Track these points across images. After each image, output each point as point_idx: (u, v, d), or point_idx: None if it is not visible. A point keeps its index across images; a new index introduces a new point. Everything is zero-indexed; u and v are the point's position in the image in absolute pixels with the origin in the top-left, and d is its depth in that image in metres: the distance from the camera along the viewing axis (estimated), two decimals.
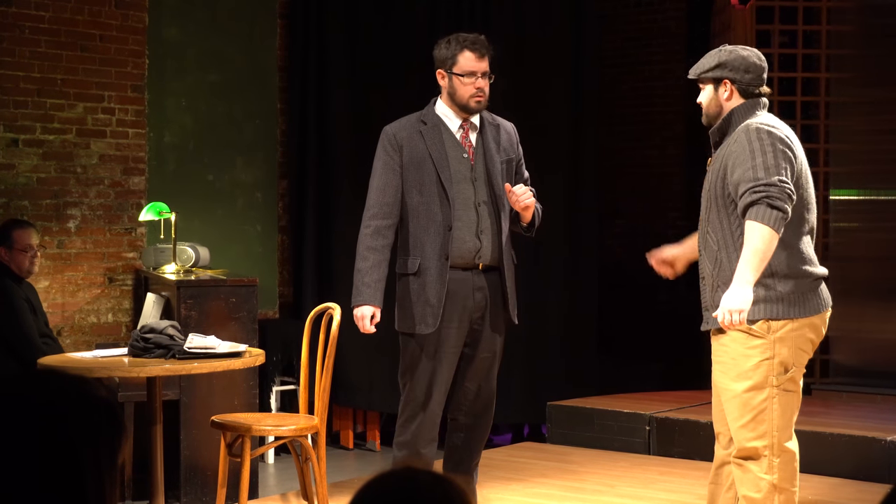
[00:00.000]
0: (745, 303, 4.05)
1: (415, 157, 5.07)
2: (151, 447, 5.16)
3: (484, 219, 5.06)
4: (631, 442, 7.19)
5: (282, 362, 7.70)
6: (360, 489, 1.67)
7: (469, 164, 5.09)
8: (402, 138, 5.11)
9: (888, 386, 7.81)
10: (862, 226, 8.31)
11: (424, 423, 5.09)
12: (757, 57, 4.40)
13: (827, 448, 6.48)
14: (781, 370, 4.26)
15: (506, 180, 5.12)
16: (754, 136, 4.20)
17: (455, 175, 5.06)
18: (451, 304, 5.03)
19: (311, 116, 8.07)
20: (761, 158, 4.15)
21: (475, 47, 5.07)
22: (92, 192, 7.27)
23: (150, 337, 5.02)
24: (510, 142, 5.22)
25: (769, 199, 4.08)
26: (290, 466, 7.09)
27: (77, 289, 7.22)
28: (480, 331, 5.10)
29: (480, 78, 5.07)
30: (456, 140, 5.11)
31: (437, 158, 5.05)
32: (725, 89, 4.36)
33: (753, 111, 4.34)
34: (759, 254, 4.06)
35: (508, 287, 5.10)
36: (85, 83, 7.22)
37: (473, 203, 5.06)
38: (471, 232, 5.04)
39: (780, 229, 4.09)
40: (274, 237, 8.16)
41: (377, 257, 5.06)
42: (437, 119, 5.14)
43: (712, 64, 4.38)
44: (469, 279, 5.06)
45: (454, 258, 5.01)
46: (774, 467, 4.28)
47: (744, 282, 4.06)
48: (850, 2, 8.33)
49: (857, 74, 8.24)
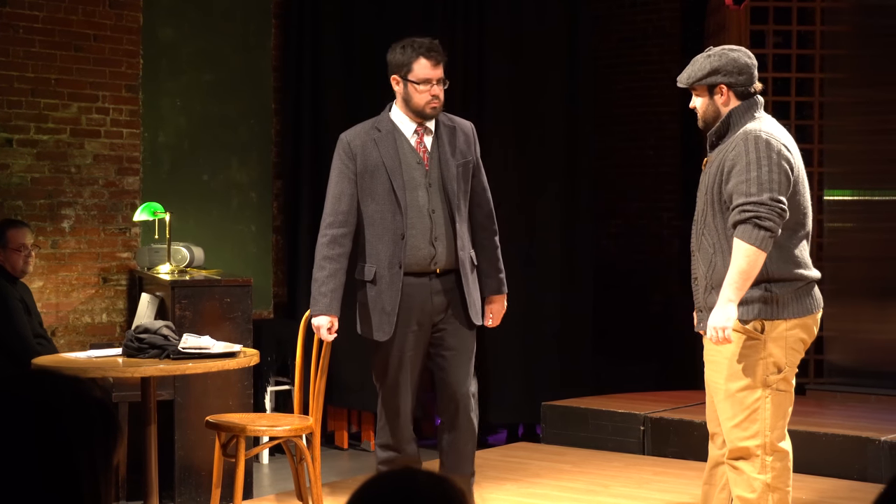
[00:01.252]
0: (730, 320, 4.14)
1: (369, 166, 5.09)
2: (146, 447, 5.15)
3: (438, 225, 5.08)
4: (625, 442, 7.20)
5: (276, 363, 7.69)
6: (357, 489, 1.66)
7: (423, 170, 5.10)
8: (357, 146, 5.13)
9: (882, 386, 7.82)
10: (856, 226, 8.32)
11: (399, 425, 5.18)
12: (746, 56, 4.40)
13: (821, 448, 6.49)
14: (775, 370, 4.28)
15: (463, 182, 5.15)
16: (752, 146, 4.21)
17: (409, 182, 5.08)
18: (408, 310, 5.08)
19: (305, 116, 8.06)
20: (756, 172, 4.17)
21: (431, 55, 5.05)
22: (86, 192, 7.26)
23: (145, 337, 5.01)
24: (467, 143, 5.20)
25: (758, 218, 4.13)
26: (285, 467, 7.08)
27: (71, 289, 7.21)
28: (443, 333, 5.15)
29: (436, 85, 5.07)
30: (411, 146, 5.12)
31: (390, 166, 5.06)
32: (722, 94, 4.36)
33: (751, 112, 4.34)
34: (743, 274, 4.14)
35: (466, 289, 5.11)
36: (79, 83, 7.21)
37: (427, 210, 5.08)
38: (425, 239, 5.06)
39: (767, 248, 4.15)
40: (268, 237, 8.16)
41: (333, 266, 5.10)
42: (392, 125, 5.14)
43: (705, 71, 4.36)
44: (426, 284, 5.10)
45: (409, 265, 5.05)
46: (767, 467, 4.29)
47: (727, 301, 4.16)
48: (844, 2, 8.33)
49: (851, 75, 8.25)
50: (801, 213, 4.32)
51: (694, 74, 4.39)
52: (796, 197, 4.28)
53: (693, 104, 4.46)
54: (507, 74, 7.95)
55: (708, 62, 4.37)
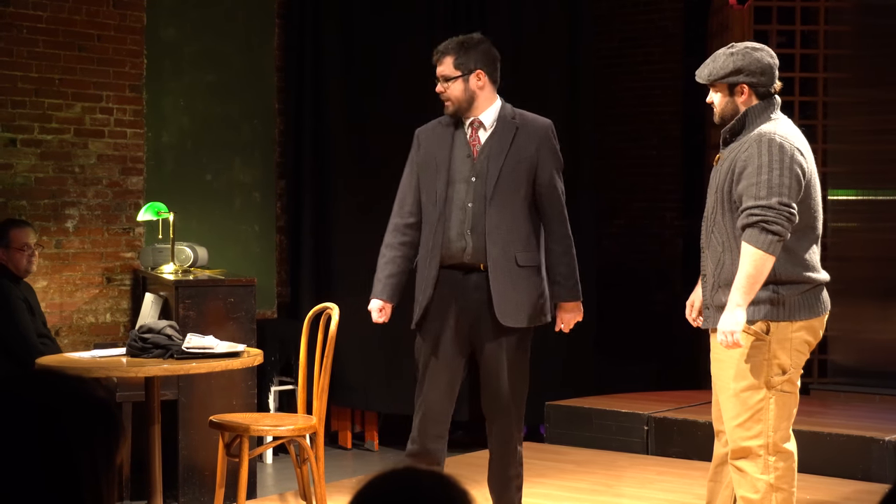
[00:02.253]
0: (738, 324, 4.14)
1: (426, 158, 5.11)
2: (149, 447, 5.15)
3: (474, 218, 5.00)
4: (629, 442, 7.19)
5: (280, 362, 7.69)
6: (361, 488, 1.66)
7: (471, 164, 5.05)
8: (423, 139, 5.17)
9: (886, 386, 7.81)
10: (860, 226, 8.32)
11: (426, 418, 5.05)
12: (770, 56, 4.37)
13: (825, 448, 6.49)
14: (779, 371, 4.27)
15: (517, 180, 5.03)
16: (766, 148, 4.20)
17: (454, 175, 5.04)
18: (443, 301, 5.02)
19: (308, 116, 8.06)
20: (767, 176, 4.16)
21: (434, 53, 5.11)
22: (90, 191, 7.27)
23: (149, 337, 5.02)
24: (529, 141, 5.10)
25: (766, 222, 4.13)
26: (289, 466, 7.08)
27: (75, 289, 7.22)
28: (479, 333, 5.04)
29: (440, 83, 5.09)
30: (465, 140, 5.09)
31: (440, 159, 5.06)
32: (742, 93, 4.33)
33: (767, 112, 4.33)
34: (751, 278, 4.14)
35: (494, 288, 4.98)
36: (83, 83, 7.22)
37: (464, 203, 5.02)
38: (458, 231, 5.01)
39: (775, 252, 4.14)
40: (272, 237, 8.16)
41: (391, 253, 5.12)
42: (453, 119, 5.13)
43: (728, 70, 4.32)
44: (461, 278, 5.02)
45: (445, 257, 5.00)
46: (771, 467, 4.28)
47: (735, 305, 4.15)
48: (847, 2, 8.33)
49: (854, 74, 8.25)
50: (812, 217, 4.32)
51: (716, 72, 4.35)
52: (808, 200, 4.27)
53: (710, 99, 4.42)
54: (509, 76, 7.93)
55: (731, 60, 4.33)
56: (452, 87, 5.05)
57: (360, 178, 7.93)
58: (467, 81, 5.07)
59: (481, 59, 5.10)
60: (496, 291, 4.97)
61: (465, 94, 5.06)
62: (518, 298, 5.01)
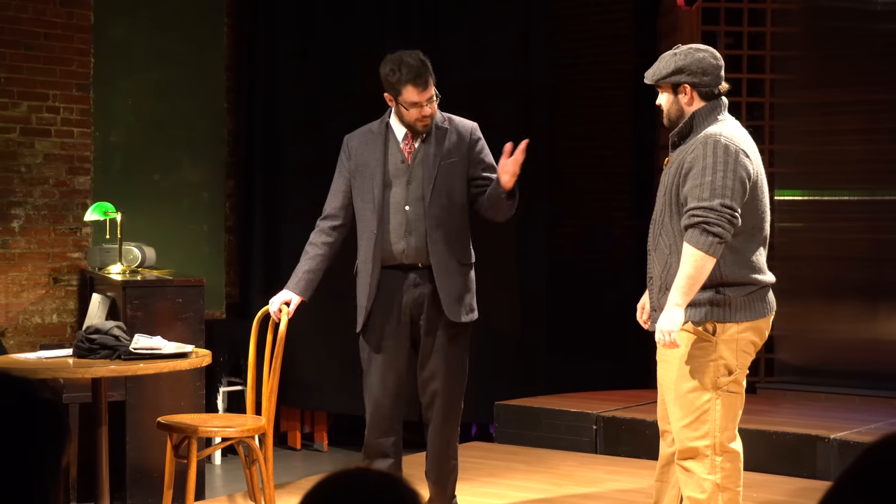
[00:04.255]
0: (676, 324, 4.17)
1: (359, 164, 5.24)
2: (97, 449, 5.12)
3: (413, 220, 5.14)
4: (578, 441, 7.22)
5: (229, 363, 7.66)
6: (310, 490, 1.66)
7: (406, 168, 5.19)
8: (353, 146, 5.30)
9: (833, 384, 7.89)
10: (807, 226, 8.39)
11: (375, 416, 5.20)
12: (713, 56, 4.39)
13: (772, 446, 6.54)
14: (725, 372, 4.30)
15: (452, 181, 5.19)
16: (711, 150, 4.23)
17: (389, 180, 5.19)
18: (384, 302, 5.16)
19: (258, 116, 8.04)
20: (711, 177, 4.19)
21: (418, 82, 5.11)
22: (36, 191, 7.20)
23: (96, 338, 4.98)
24: (460, 143, 5.26)
25: (707, 224, 4.15)
26: (238, 467, 7.06)
27: (21, 289, 7.15)
28: (422, 329, 5.18)
29: (426, 105, 5.14)
30: (398, 146, 5.22)
31: (374, 165, 5.20)
32: (685, 93, 4.36)
33: (714, 114, 4.35)
34: (691, 279, 4.17)
35: (440, 285, 5.13)
36: (29, 82, 7.15)
37: (402, 206, 5.16)
38: (398, 234, 5.15)
39: (715, 253, 4.16)
40: (221, 237, 8.12)
41: (313, 251, 5.29)
42: (386, 126, 5.26)
43: (670, 69, 4.36)
44: (402, 276, 5.17)
45: (385, 259, 5.15)
46: (717, 467, 4.31)
47: (674, 305, 4.19)
48: (794, 4, 8.41)
49: (801, 76, 8.33)
50: (759, 218, 4.34)
51: (659, 72, 4.39)
52: (754, 202, 4.30)
53: (658, 101, 4.46)
54: (464, 76, 7.95)
55: (673, 60, 4.37)
56: (434, 106, 5.15)
57: (311, 177, 7.91)
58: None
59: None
60: (442, 289, 5.13)
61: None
62: (461, 295, 5.20)
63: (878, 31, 8.15)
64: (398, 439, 5.25)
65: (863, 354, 8.01)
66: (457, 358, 5.22)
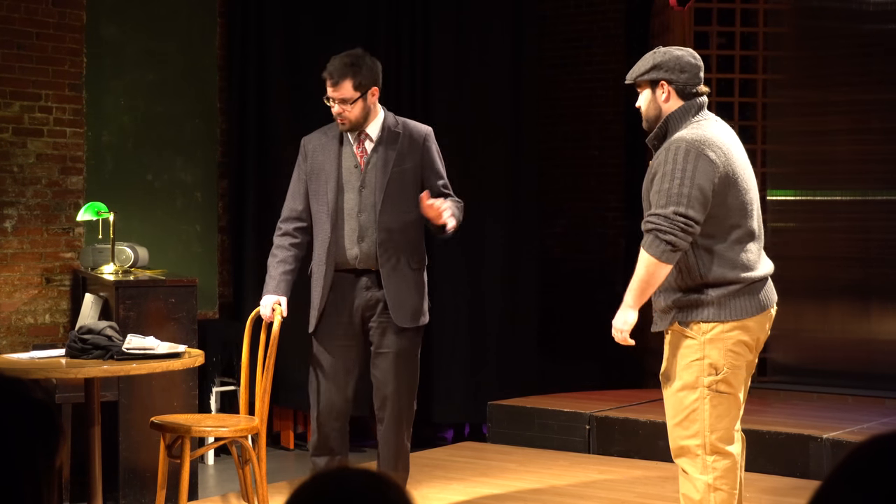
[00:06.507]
0: (626, 324, 4.33)
1: (315, 168, 5.33)
2: (90, 449, 5.11)
3: (365, 227, 5.23)
4: (571, 441, 7.23)
5: (221, 363, 7.65)
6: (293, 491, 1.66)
7: (359, 174, 5.26)
8: (309, 149, 5.39)
9: (825, 384, 7.91)
10: (799, 226, 8.41)
11: (326, 415, 5.32)
12: (691, 56, 4.41)
13: (765, 445, 6.55)
14: (712, 371, 4.31)
15: (404, 187, 5.25)
16: (671, 156, 4.25)
17: (343, 185, 5.26)
18: (336, 303, 5.29)
19: (251, 116, 8.03)
20: (668, 185, 4.23)
21: (328, 75, 5.21)
22: (29, 191, 7.20)
23: (88, 338, 4.98)
24: (413, 148, 5.31)
25: (659, 231, 4.22)
26: (231, 467, 7.06)
27: (14, 289, 7.14)
28: (373, 331, 5.28)
29: (337, 104, 5.18)
30: (352, 150, 5.29)
31: (328, 169, 5.28)
32: (663, 91, 4.37)
33: (688, 116, 4.35)
34: (643, 283, 4.28)
35: (388, 293, 5.22)
36: (21, 81, 7.14)
37: (355, 212, 5.25)
38: (351, 239, 5.24)
39: (668, 260, 4.23)
40: (214, 237, 8.12)
41: (284, 254, 5.37)
42: (338, 130, 5.32)
43: (647, 66, 4.39)
44: (354, 280, 5.28)
45: (338, 263, 5.26)
46: (709, 467, 4.32)
47: (626, 306, 4.35)
48: (786, 4, 8.42)
49: (793, 76, 8.34)
50: (740, 215, 4.33)
51: (637, 70, 4.43)
52: (730, 200, 4.29)
53: (638, 104, 4.48)
54: (453, 77, 7.96)
55: (651, 58, 4.41)
56: (353, 108, 5.17)
57: None
58: (365, 100, 5.23)
59: (374, 76, 5.25)
60: (391, 296, 5.24)
61: (363, 113, 5.27)
62: (411, 301, 5.29)
63: (870, 32, 8.17)
64: (346, 437, 5.40)
65: (855, 354, 8.03)
66: (408, 361, 5.32)
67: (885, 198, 8.12)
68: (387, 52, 7.95)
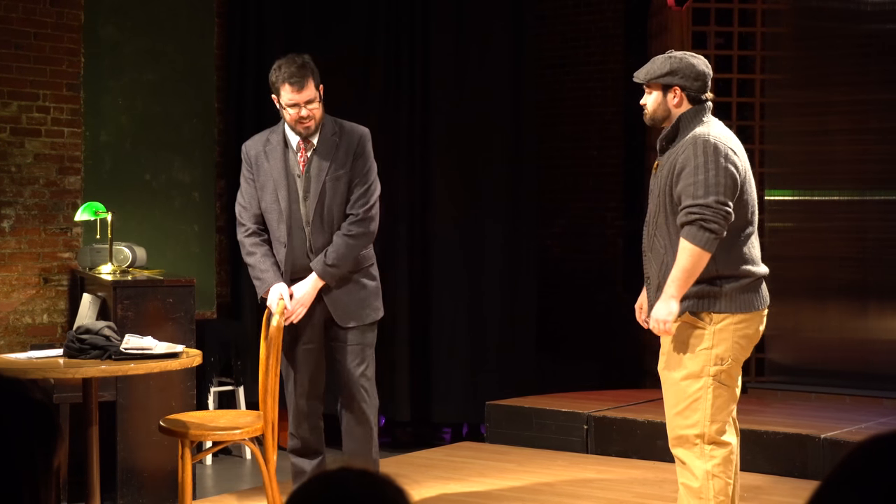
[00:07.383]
0: (671, 314, 4.34)
1: (261, 176, 5.33)
2: (87, 449, 5.11)
3: (314, 237, 5.27)
4: (569, 441, 7.23)
5: (219, 363, 7.65)
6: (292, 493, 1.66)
7: (301, 183, 5.29)
8: (252, 156, 5.36)
9: (823, 384, 7.91)
10: (796, 226, 8.41)
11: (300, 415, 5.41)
12: (705, 65, 4.55)
13: (763, 446, 6.56)
14: (718, 361, 4.42)
15: (341, 195, 5.27)
16: (701, 149, 4.36)
17: (290, 195, 5.28)
18: None
19: (248, 116, 8.03)
20: (703, 175, 4.32)
21: (293, 81, 5.16)
22: (27, 191, 7.19)
23: (86, 338, 4.97)
24: (347, 154, 5.30)
25: (703, 220, 4.29)
26: (228, 467, 7.06)
27: (11, 289, 7.14)
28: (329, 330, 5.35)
29: (304, 107, 5.16)
30: (296, 159, 5.29)
31: (276, 178, 5.28)
32: (675, 96, 4.50)
33: (700, 117, 4.49)
34: (686, 272, 4.32)
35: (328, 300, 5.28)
36: (19, 81, 7.14)
37: (303, 223, 5.28)
38: (302, 251, 5.29)
39: (711, 249, 4.31)
40: (212, 237, 8.11)
41: (262, 249, 5.34)
42: (282, 136, 5.32)
43: (664, 70, 4.50)
44: None
45: (294, 272, 5.30)
46: (707, 455, 4.43)
47: (669, 296, 4.35)
48: (784, 4, 8.42)
49: (791, 76, 8.34)
50: (748, 213, 4.47)
51: (653, 72, 4.53)
52: (743, 197, 4.43)
53: (644, 101, 4.60)
54: (452, 76, 7.96)
55: (668, 63, 4.51)
56: (319, 107, 5.21)
57: None
58: (321, 100, 5.21)
59: (319, 76, 5.25)
60: (329, 300, 5.29)
61: (322, 112, 5.24)
62: (355, 302, 5.33)
63: (868, 32, 8.17)
64: (321, 434, 5.47)
65: (852, 354, 8.03)
66: (362, 356, 5.37)
67: (883, 198, 8.12)
68: (386, 52, 7.95)
